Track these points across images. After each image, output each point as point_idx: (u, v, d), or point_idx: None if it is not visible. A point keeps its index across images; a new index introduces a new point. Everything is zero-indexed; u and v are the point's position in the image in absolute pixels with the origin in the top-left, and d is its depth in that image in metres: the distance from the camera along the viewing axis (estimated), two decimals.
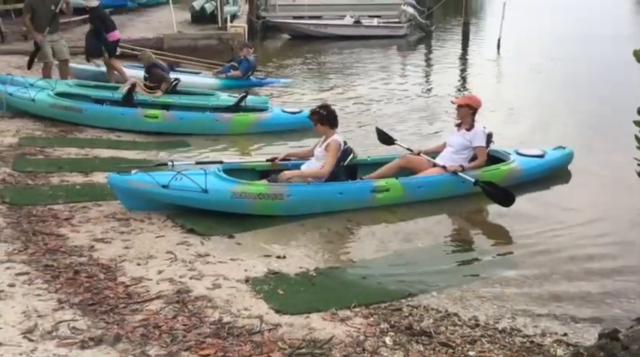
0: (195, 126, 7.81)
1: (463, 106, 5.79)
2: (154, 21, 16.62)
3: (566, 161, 6.37)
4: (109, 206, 5.00)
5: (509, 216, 5.23)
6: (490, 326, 3.39)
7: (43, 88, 7.87)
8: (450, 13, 26.56)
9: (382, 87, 11.66)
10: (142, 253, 4.11)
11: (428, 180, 5.55)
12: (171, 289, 3.58)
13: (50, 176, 5.65)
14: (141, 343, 2.93)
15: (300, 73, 13.47)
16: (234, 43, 13.39)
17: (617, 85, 10.06)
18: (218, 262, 4.11)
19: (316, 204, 5.16)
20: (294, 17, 20.71)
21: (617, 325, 3.31)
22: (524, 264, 4.32)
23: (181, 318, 3.22)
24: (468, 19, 19.32)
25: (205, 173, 4.98)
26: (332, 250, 4.67)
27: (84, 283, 3.54)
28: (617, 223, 5.07)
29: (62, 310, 3.20)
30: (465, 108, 5.79)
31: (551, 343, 3.22)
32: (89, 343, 2.88)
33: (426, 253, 4.65)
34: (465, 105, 5.80)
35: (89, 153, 6.67)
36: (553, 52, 15.32)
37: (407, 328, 3.26)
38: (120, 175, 4.92)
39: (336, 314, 3.41)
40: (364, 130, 8.07)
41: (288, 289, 3.72)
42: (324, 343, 3.03)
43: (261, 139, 7.77)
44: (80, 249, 4.09)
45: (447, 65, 14.98)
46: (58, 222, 4.57)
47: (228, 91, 9.43)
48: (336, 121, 5.46)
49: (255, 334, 3.10)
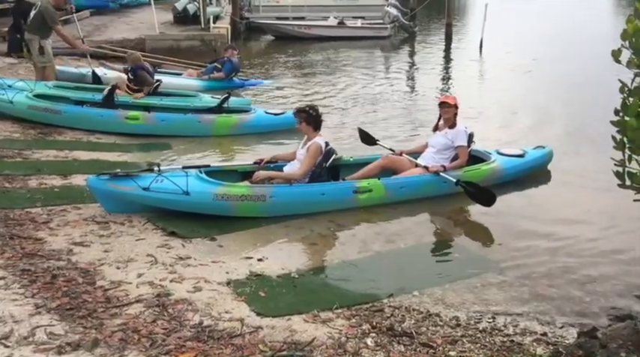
0: (177, 128, 7.75)
1: (452, 106, 5.82)
2: (135, 22, 16.46)
3: (546, 161, 6.44)
4: (89, 209, 4.94)
5: (491, 215, 5.27)
6: (471, 326, 3.40)
7: (21, 90, 7.76)
8: (433, 14, 26.70)
9: (366, 88, 11.68)
10: (122, 256, 4.06)
11: (410, 180, 5.57)
12: (152, 292, 3.54)
13: (28, 179, 5.57)
14: (119, 347, 2.89)
15: (284, 74, 13.44)
16: (217, 44, 13.34)
17: (597, 85, 10.16)
18: (199, 264, 4.08)
19: (299, 205, 5.14)
20: (277, 18, 20.66)
21: (596, 323, 3.36)
22: (505, 263, 4.34)
23: (161, 322, 3.19)
24: (450, 20, 19.42)
25: (187, 175, 4.94)
26: (314, 251, 4.66)
27: (62, 288, 3.48)
28: (596, 222, 5.12)
29: (39, 315, 3.14)
30: (453, 108, 5.82)
31: (531, 342, 3.25)
32: (66, 349, 2.84)
33: (408, 253, 4.66)
34: (454, 105, 5.84)
35: (68, 155, 6.58)
36: (534, 53, 15.47)
37: (388, 329, 3.27)
38: (99, 178, 4.86)
39: (318, 316, 3.40)
40: (347, 130, 8.08)
41: (269, 292, 3.70)
42: (306, 345, 3.02)
43: (244, 141, 7.74)
44: (58, 253, 4.03)
45: (430, 66, 15.07)
46: (36, 225, 4.50)
47: (210, 93, 9.36)
48: (320, 123, 5.46)
49: (236, 337, 3.08)
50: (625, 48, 3.24)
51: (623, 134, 3.22)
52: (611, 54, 3.25)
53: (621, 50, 3.25)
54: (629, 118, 3.15)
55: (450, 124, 5.82)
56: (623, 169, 3.23)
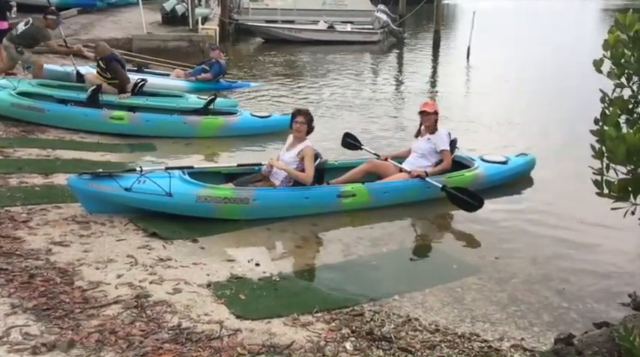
0: (162, 129, 7.71)
1: (432, 113, 5.85)
2: (123, 21, 16.36)
3: (529, 168, 6.50)
4: (69, 209, 4.88)
5: (473, 221, 5.30)
6: (450, 331, 3.42)
7: (4, 87, 7.67)
8: (421, 20, 26.91)
9: (353, 92, 11.71)
10: (102, 256, 4.02)
11: (394, 185, 5.59)
12: (130, 293, 3.50)
13: (9, 177, 5.50)
14: (96, 348, 2.86)
15: (272, 76, 13.44)
16: (204, 46, 13.30)
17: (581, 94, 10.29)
18: (180, 266, 4.05)
19: (282, 208, 5.14)
20: (266, 21, 20.68)
21: (572, 329, 3.40)
22: (485, 268, 4.37)
23: (139, 323, 3.15)
24: (438, 27, 19.57)
25: (170, 176, 4.91)
26: (297, 254, 4.65)
27: (39, 288, 3.44)
28: (576, 229, 5.18)
29: (15, 315, 3.10)
30: (433, 114, 5.86)
31: (508, 348, 3.27)
32: (41, 349, 2.80)
33: (390, 257, 4.67)
34: (434, 111, 5.87)
35: (51, 154, 6.51)
36: (521, 62, 15.65)
37: (368, 334, 3.26)
38: (81, 178, 4.81)
39: (298, 319, 3.39)
40: (333, 134, 8.07)
41: (250, 294, 3.69)
42: (284, 349, 3.01)
43: (229, 143, 7.72)
44: (37, 252, 3.97)
45: (418, 72, 15.16)
46: (15, 224, 4.44)
47: (197, 94, 9.33)
48: (312, 128, 5.46)
49: (215, 339, 3.06)
50: (606, 58, 3.29)
51: (601, 143, 3.25)
52: (592, 64, 3.29)
53: (603, 60, 3.29)
54: (607, 127, 3.19)
55: (431, 130, 5.86)
56: (601, 177, 3.26)
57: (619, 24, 3.22)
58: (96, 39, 11.92)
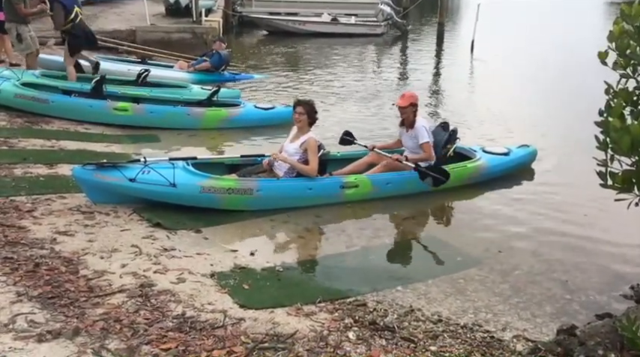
0: (166, 120, 7.71)
1: (408, 107, 5.75)
2: (126, 13, 16.32)
3: (531, 159, 6.50)
4: (74, 199, 4.90)
5: (475, 212, 5.32)
6: (452, 321, 3.43)
7: (8, 78, 7.68)
8: (425, 13, 26.76)
9: (357, 85, 11.68)
10: (106, 246, 4.04)
11: (396, 176, 5.59)
12: (135, 282, 3.53)
13: (13, 168, 5.52)
14: (100, 336, 2.88)
15: (275, 69, 13.41)
16: (208, 38, 13.28)
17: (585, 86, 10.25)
18: (184, 256, 4.07)
19: (285, 199, 5.15)
20: (270, 13, 20.60)
21: (575, 320, 3.41)
22: (487, 260, 4.38)
23: (143, 312, 3.18)
24: (443, 19, 19.47)
25: (174, 167, 4.93)
26: (300, 245, 4.67)
27: (44, 276, 3.46)
28: (578, 220, 5.18)
29: (20, 303, 3.12)
30: (409, 108, 5.75)
31: (511, 339, 3.28)
32: (47, 337, 2.83)
33: (392, 248, 4.69)
34: (410, 105, 5.74)
35: (55, 145, 6.53)
36: (525, 54, 15.57)
37: (371, 323, 3.28)
38: (85, 168, 4.82)
39: (301, 309, 3.41)
40: (335, 126, 8.06)
41: (253, 284, 3.71)
42: (287, 338, 3.03)
43: (233, 135, 7.72)
44: (42, 241, 4.00)
45: (422, 65, 15.08)
46: (20, 214, 4.47)
47: (200, 85, 9.32)
48: (315, 120, 5.47)
49: (218, 328, 3.08)
50: (611, 49, 3.28)
51: (606, 135, 3.25)
52: (597, 55, 3.28)
53: (607, 52, 3.29)
54: (612, 118, 3.18)
55: (409, 124, 5.81)
56: (605, 169, 3.26)
57: (624, 15, 3.22)
58: (99, 31, 11.91)
